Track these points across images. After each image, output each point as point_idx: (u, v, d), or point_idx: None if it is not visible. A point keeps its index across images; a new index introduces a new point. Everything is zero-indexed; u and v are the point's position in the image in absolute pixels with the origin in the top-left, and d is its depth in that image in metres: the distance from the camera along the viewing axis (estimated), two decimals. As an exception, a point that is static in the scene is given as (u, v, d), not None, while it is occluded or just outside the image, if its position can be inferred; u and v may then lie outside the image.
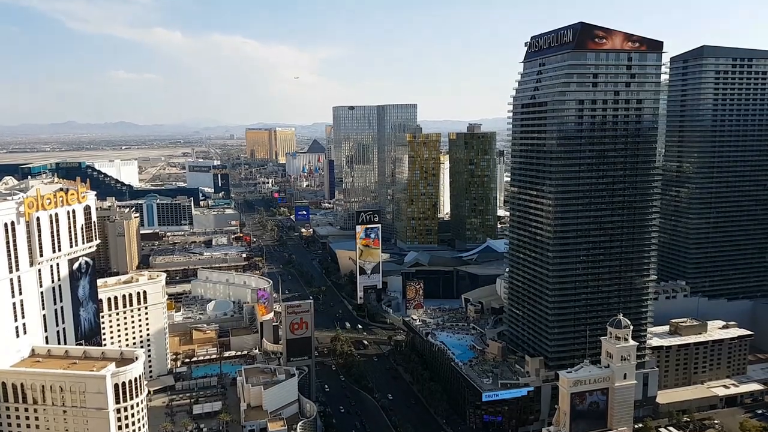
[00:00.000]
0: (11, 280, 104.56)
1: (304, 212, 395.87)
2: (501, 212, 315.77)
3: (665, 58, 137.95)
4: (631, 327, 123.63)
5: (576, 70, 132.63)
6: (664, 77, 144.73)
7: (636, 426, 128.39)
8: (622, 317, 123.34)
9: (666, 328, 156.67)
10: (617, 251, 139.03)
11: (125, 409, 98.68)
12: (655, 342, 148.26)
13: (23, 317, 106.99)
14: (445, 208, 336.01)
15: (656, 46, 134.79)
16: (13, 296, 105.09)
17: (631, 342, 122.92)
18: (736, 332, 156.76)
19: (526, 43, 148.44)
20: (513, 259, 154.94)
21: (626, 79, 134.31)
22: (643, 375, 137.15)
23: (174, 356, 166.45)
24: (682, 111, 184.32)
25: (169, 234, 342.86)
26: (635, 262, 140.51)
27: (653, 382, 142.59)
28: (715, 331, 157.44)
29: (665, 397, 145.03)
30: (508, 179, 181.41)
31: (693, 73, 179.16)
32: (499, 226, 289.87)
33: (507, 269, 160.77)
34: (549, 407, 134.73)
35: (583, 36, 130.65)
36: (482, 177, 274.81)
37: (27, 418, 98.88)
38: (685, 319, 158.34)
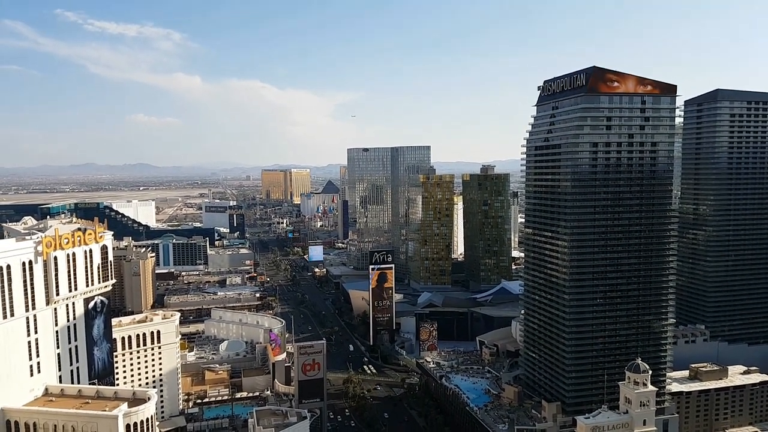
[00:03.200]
0: (27, 318, 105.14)
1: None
2: (516, 253, 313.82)
3: (679, 102, 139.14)
4: (650, 372, 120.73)
5: (589, 113, 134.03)
6: (679, 120, 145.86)
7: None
8: (640, 361, 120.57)
9: (686, 373, 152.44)
10: (634, 294, 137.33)
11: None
12: (674, 387, 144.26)
13: (38, 356, 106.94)
14: (459, 249, 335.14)
15: (670, 89, 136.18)
16: (28, 335, 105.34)
17: (650, 387, 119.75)
18: (758, 378, 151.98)
19: (539, 87, 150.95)
20: (528, 301, 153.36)
21: (640, 122, 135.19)
22: (663, 421, 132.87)
23: (186, 397, 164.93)
24: (697, 154, 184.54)
25: (184, 273, 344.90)
26: (653, 305, 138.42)
27: (673, 429, 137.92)
28: (737, 376, 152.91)
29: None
30: (523, 220, 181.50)
31: (707, 116, 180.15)
32: (513, 267, 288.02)
33: (522, 311, 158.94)
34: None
35: (595, 79, 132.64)
36: (496, 218, 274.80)
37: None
38: (705, 364, 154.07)
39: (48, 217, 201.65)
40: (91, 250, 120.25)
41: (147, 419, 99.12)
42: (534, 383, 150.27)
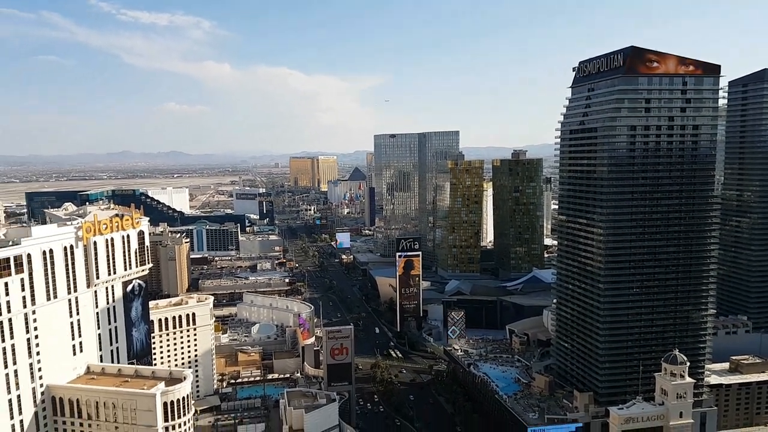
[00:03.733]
0: (69, 300, 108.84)
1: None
2: (548, 241, 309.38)
3: (723, 83, 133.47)
4: (688, 363, 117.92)
5: (627, 95, 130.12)
6: (722, 102, 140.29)
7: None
8: (678, 353, 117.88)
9: (726, 365, 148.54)
10: (673, 283, 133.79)
11: (173, 428, 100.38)
12: (713, 380, 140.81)
13: (80, 336, 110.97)
14: (488, 237, 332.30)
15: (713, 69, 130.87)
16: (70, 316, 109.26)
17: (688, 379, 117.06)
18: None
19: (574, 68, 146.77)
20: (561, 290, 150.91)
21: (681, 104, 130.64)
22: (700, 414, 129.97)
23: (220, 377, 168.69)
24: (742, 137, 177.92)
25: (217, 258, 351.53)
26: (692, 295, 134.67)
27: (711, 422, 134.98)
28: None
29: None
30: (556, 207, 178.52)
31: (753, 97, 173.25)
32: (546, 255, 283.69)
33: (555, 300, 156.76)
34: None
35: (634, 60, 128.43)
36: (528, 204, 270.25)
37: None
38: (747, 357, 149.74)
39: (87, 203, 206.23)
40: (128, 236, 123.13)
41: (183, 398, 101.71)
42: (566, 373, 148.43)
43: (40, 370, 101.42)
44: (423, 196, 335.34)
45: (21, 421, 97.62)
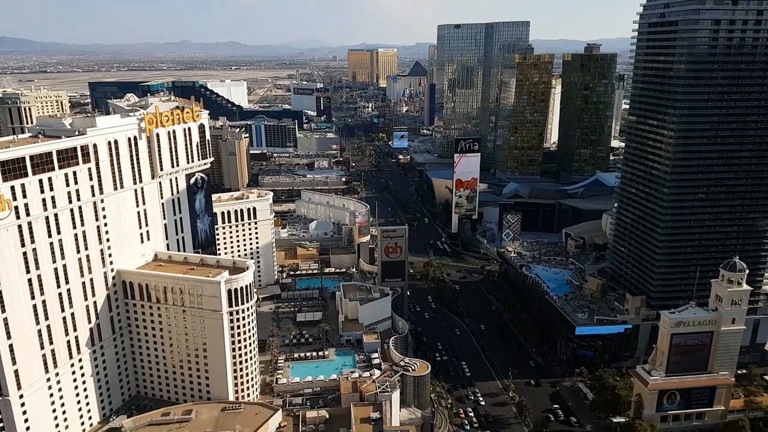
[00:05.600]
0: (135, 191, 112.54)
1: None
2: (615, 143, 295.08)
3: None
4: (747, 271, 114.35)
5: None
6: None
7: (739, 372, 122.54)
8: (738, 260, 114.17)
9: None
10: (741, 190, 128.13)
11: (237, 312, 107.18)
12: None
13: (147, 225, 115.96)
14: (552, 138, 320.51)
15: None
16: (137, 206, 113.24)
17: (745, 286, 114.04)
18: None
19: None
20: (624, 193, 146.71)
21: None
22: (753, 321, 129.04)
23: (280, 268, 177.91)
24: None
25: (275, 155, 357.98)
26: (760, 202, 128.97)
27: (764, 329, 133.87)
28: None
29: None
30: (627, 107, 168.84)
31: None
32: (611, 158, 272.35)
33: (616, 204, 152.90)
34: (646, 346, 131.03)
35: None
36: (597, 103, 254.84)
37: (152, 314, 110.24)
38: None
39: (148, 94, 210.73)
40: (189, 129, 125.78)
41: (246, 286, 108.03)
42: (619, 276, 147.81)
43: (110, 255, 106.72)
44: (486, 93, 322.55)
45: (94, 302, 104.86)
